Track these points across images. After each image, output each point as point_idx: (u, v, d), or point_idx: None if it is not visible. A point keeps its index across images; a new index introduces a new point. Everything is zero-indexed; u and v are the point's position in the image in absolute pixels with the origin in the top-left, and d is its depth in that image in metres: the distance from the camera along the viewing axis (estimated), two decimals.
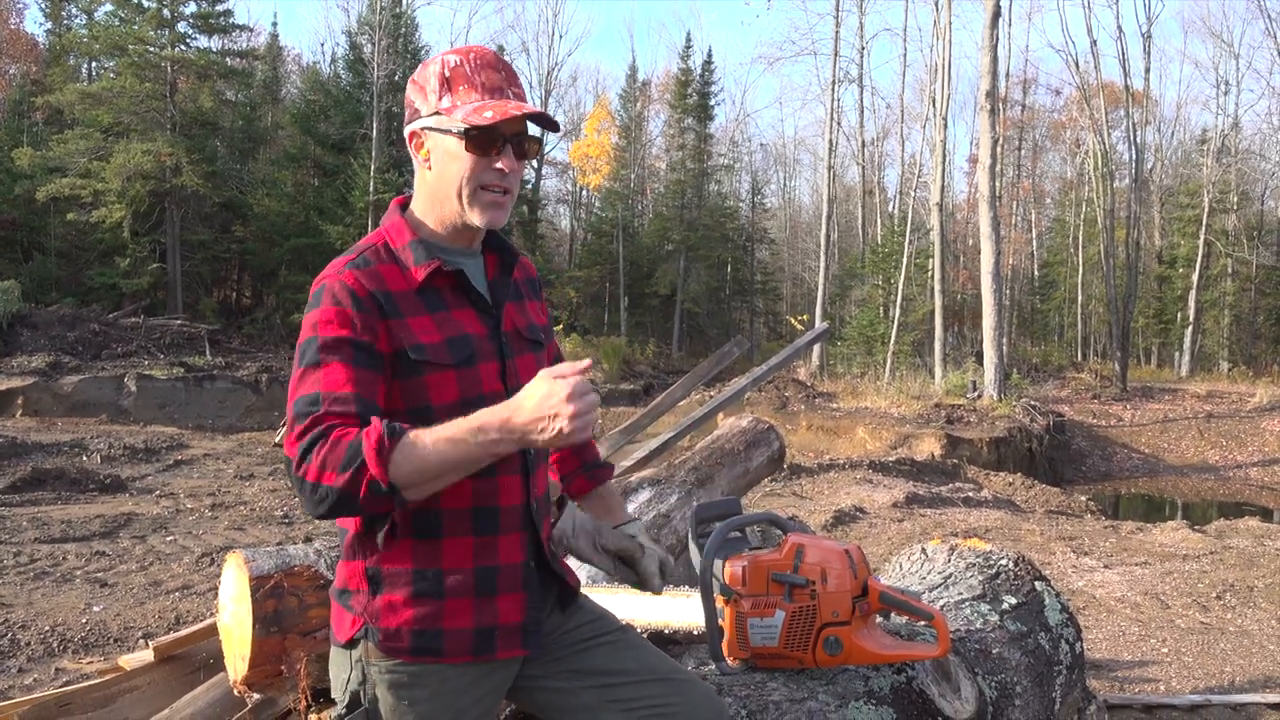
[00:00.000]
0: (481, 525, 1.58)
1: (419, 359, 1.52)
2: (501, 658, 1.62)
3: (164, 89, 24.17)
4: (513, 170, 1.59)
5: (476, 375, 1.58)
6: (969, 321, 31.95)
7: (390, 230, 1.63)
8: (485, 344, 1.61)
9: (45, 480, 8.66)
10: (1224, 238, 31.36)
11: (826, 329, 11.98)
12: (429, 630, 1.55)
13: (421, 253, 1.58)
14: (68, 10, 30.52)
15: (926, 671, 2.15)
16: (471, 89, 1.56)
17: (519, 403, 1.38)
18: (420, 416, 1.51)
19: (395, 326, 1.52)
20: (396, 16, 28.19)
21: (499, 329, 1.64)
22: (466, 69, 1.57)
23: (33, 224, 24.40)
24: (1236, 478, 18.30)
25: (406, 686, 1.56)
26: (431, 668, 1.56)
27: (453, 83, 1.57)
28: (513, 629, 1.61)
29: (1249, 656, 4.79)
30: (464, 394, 1.55)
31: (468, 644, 1.57)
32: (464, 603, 1.57)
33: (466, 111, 1.54)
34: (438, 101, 1.58)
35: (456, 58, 1.59)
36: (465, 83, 1.56)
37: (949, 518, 8.57)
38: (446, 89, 1.57)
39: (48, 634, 4.65)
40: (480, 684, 1.61)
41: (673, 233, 33.64)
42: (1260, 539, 7.79)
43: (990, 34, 19.68)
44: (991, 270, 19.46)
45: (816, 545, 1.99)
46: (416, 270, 1.57)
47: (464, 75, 1.57)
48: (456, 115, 1.55)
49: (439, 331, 1.56)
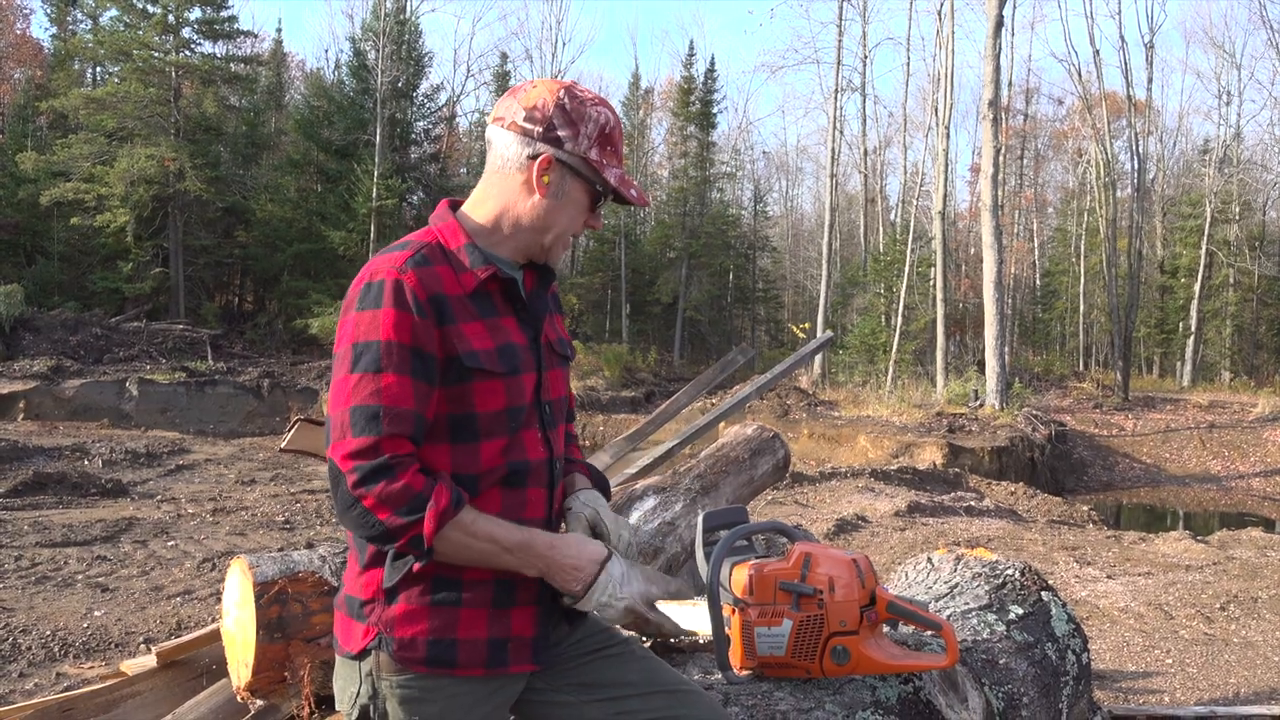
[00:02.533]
0: None
1: (473, 365, 1.51)
2: (514, 672, 1.61)
3: (168, 94, 24.26)
4: None
5: (520, 385, 1.58)
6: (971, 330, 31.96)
7: (444, 230, 1.61)
8: (527, 355, 1.61)
9: (47, 484, 8.66)
10: (1226, 248, 31.36)
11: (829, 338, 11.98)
12: (444, 640, 1.54)
13: (478, 257, 1.58)
14: (73, 15, 30.65)
15: (934, 682, 2.14)
16: (614, 156, 1.62)
17: (566, 543, 1.56)
18: (464, 423, 1.52)
19: (450, 332, 1.50)
20: (400, 23, 28.26)
21: (538, 340, 1.64)
22: (617, 134, 1.63)
23: (36, 228, 24.46)
24: (1239, 488, 18.26)
25: (417, 701, 1.54)
26: (443, 681, 1.55)
27: (610, 141, 1.61)
28: (524, 642, 1.61)
29: (1253, 668, 4.78)
30: (510, 403, 1.55)
31: (482, 656, 1.57)
32: (480, 614, 1.56)
33: (616, 177, 1.61)
34: (589, 148, 1.59)
35: (613, 119, 1.62)
36: (613, 146, 1.62)
37: (951, 527, 8.55)
38: (604, 143, 1.60)
39: (49, 638, 4.64)
40: (489, 700, 1.60)
41: (675, 240, 33.65)
42: (1263, 549, 7.77)
43: (993, 43, 19.72)
44: (993, 279, 19.46)
45: (824, 554, 1.98)
46: (474, 274, 1.56)
47: (615, 140, 1.63)
48: (609, 175, 1.60)
49: (491, 339, 1.55)
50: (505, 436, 1.55)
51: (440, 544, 1.45)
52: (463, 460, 1.52)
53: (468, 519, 1.46)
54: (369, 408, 1.43)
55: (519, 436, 1.58)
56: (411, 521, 1.42)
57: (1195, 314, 30.98)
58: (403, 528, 1.42)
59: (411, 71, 28.76)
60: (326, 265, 26.06)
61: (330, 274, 25.67)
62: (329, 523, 7.84)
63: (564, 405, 1.72)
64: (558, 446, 1.67)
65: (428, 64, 29.97)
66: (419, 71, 29.28)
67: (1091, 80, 28.44)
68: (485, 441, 1.53)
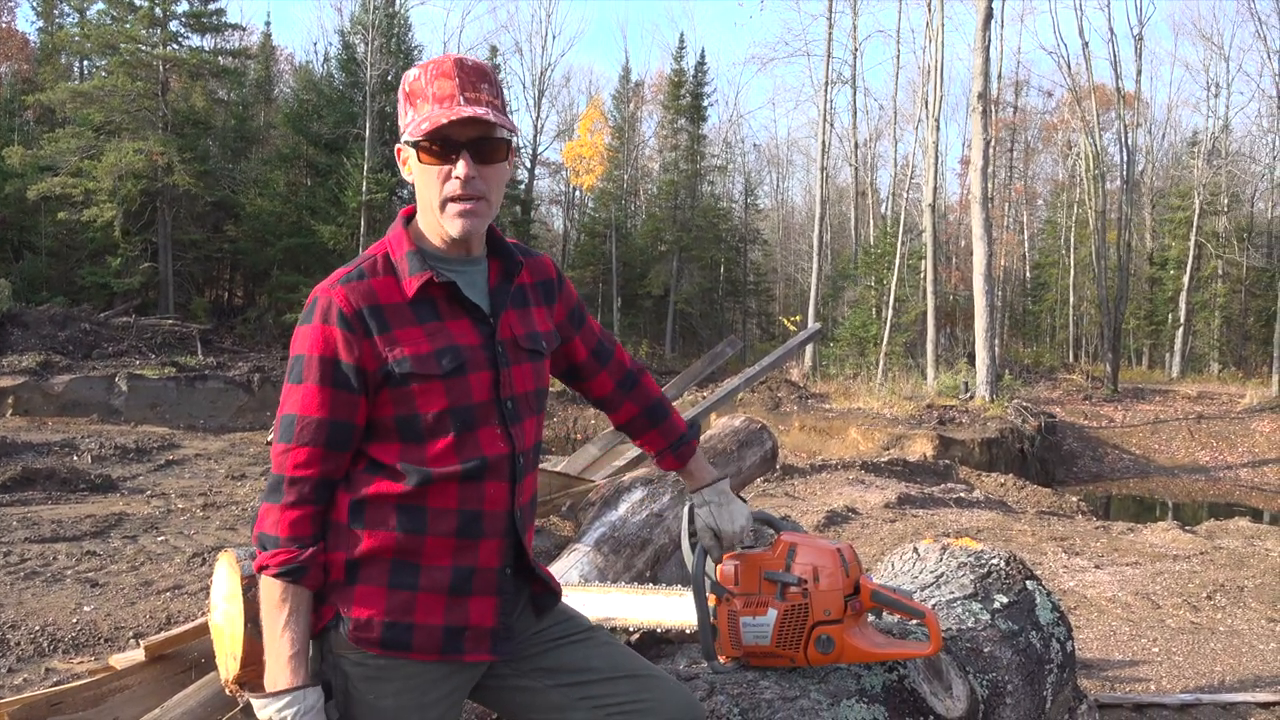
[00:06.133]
0: (465, 528, 1.60)
1: (403, 371, 1.55)
2: (469, 661, 1.63)
3: (156, 88, 24.14)
4: (474, 176, 1.56)
5: (466, 385, 1.59)
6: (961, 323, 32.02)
7: (392, 241, 1.65)
8: (478, 354, 1.62)
9: (36, 480, 8.61)
10: (1214, 239, 31.49)
11: (818, 329, 12.00)
12: (400, 624, 1.57)
13: (417, 263, 1.60)
14: (59, 9, 30.45)
15: (918, 670, 2.16)
16: (425, 101, 1.56)
17: (272, 680, 1.56)
18: (409, 424, 1.57)
19: (381, 341, 1.55)
20: (390, 16, 28.17)
21: (494, 338, 1.65)
22: (422, 81, 1.57)
23: (24, 223, 24.33)
24: (1227, 478, 18.39)
25: (373, 679, 1.58)
26: (398, 661, 1.58)
27: (412, 98, 1.58)
28: (482, 632, 1.63)
29: (1239, 656, 4.81)
30: (452, 403, 1.58)
31: (437, 642, 1.59)
32: (437, 599, 1.59)
33: (425, 115, 1.55)
34: (404, 118, 1.61)
35: (416, 71, 1.60)
36: (420, 96, 1.57)
37: (941, 518, 8.58)
38: (409, 104, 1.59)
39: (38, 634, 4.62)
40: (446, 681, 1.63)
41: (666, 233, 33.66)
42: (1250, 539, 7.82)
43: (982, 36, 19.75)
44: (983, 271, 19.52)
45: (809, 544, 2.00)
46: (409, 281, 1.59)
47: (419, 89, 1.57)
48: (421, 125, 1.55)
49: (429, 343, 1.58)
50: (452, 435, 1.58)
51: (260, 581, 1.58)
52: (412, 456, 1.58)
53: (275, 591, 1.55)
54: (288, 416, 1.57)
55: (473, 434, 1.60)
56: (261, 547, 1.57)
57: (1184, 305, 31.11)
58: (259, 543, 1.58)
59: (401, 65, 28.64)
60: (316, 259, 25.99)
61: (320, 268, 25.57)
62: None
63: (533, 399, 1.71)
64: (522, 441, 1.67)
65: (417, 57, 29.84)
66: (408, 65, 28.93)
67: (1081, 72, 28.54)
68: (431, 440, 1.58)
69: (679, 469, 2.06)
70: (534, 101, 37.63)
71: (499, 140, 1.59)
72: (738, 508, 2.00)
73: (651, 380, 2.06)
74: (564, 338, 1.87)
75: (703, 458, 2.07)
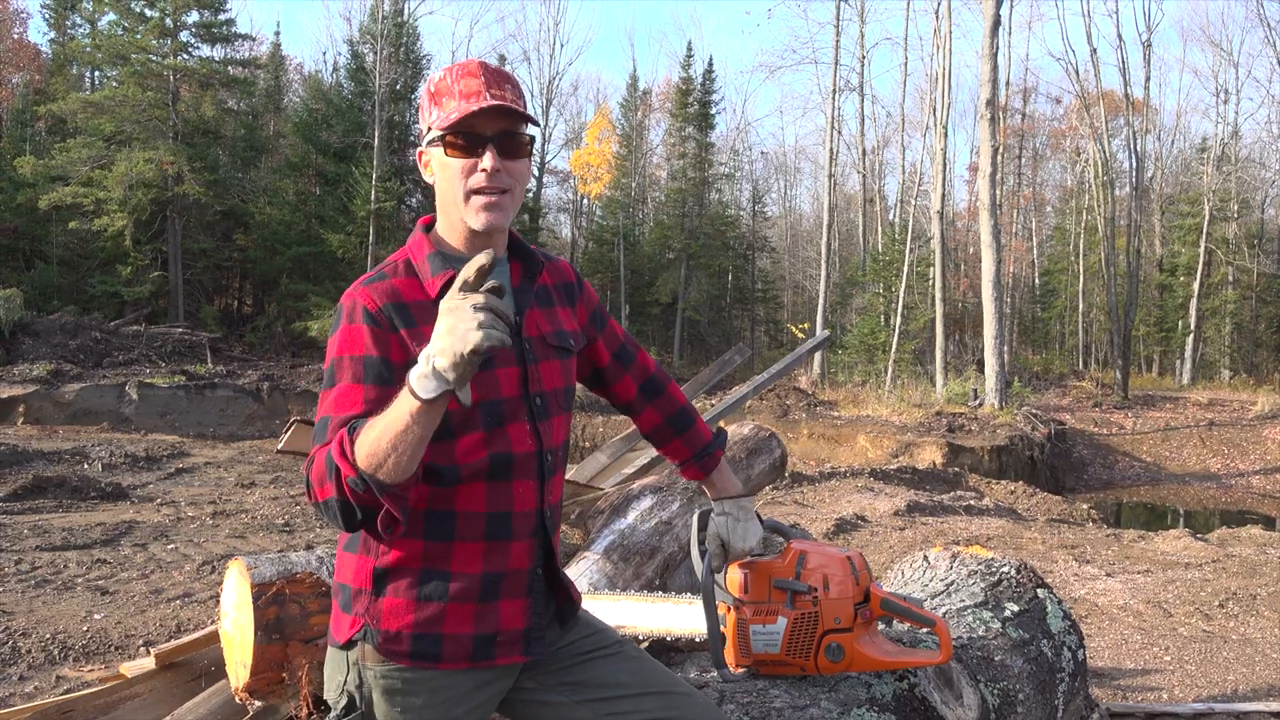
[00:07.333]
0: (495, 530, 1.60)
1: None
2: (501, 664, 1.63)
3: (166, 98, 24.26)
4: (500, 169, 1.58)
5: (494, 379, 1.60)
6: (970, 330, 31.96)
7: (412, 247, 1.67)
8: (503, 350, 1.61)
9: (46, 488, 8.65)
10: (1224, 246, 31.36)
11: (827, 337, 11.98)
12: (429, 635, 1.56)
13: (439, 264, 1.61)
14: (71, 19, 30.65)
15: (929, 678, 2.15)
16: (450, 98, 1.59)
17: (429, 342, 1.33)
18: None
19: (409, 336, 1.54)
20: (398, 25, 28.27)
21: (520, 335, 1.66)
22: (448, 80, 1.60)
23: (35, 232, 24.47)
24: (1238, 486, 18.27)
25: (401, 692, 1.57)
26: (427, 673, 1.57)
27: (437, 96, 1.61)
28: (514, 635, 1.62)
29: (1252, 665, 4.78)
30: (481, 397, 1.57)
31: (466, 650, 1.58)
32: (467, 608, 1.58)
33: (453, 109, 1.57)
34: (428, 118, 1.62)
35: (441, 73, 1.63)
36: (446, 94, 1.59)
37: (950, 526, 8.55)
38: (434, 103, 1.61)
39: (49, 641, 4.64)
40: (476, 694, 1.62)
41: (674, 241, 33.67)
42: (1263, 547, 7.77)
43: (990, 43, 19.73)
44: (992, 278, 19.46)
45: (819, 552, 1.99)
46: (432, 282, 1.60)
47: (445, 88, 1.60)
48: (449, 117, 1.58)
49: None
50: (481, 430, 1.57)
51: (359, 460, 1.35)
52: (441, 453, 1.54)
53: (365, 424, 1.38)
54: (326, 419, 1.51)
55: (502, 430, 1.60)
56: (335, 477, 1.37)
57: (1194, 312, 30.97)
58: (337, 487, 1.37)
59: (409, 74, 28.79)
60: (325, 268, 26.07)
61: (329, 277, 25.68)
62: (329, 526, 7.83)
63: (562, 397, 1.72)
64: (550, 438, 1.67)
65: (426, 66, 29.98)
66: (417, 74, 29.29)
67: (1089, 79, 28.50)
68: (460, 436, 1.56)
69: (703, 479, 2.05)
70: (542, 110, 37.74)
71: (523, 137, 1.62)
72: (753, 527, 2.00)
73: (677, 388, 2.06)
74: (588, 339, 1.88)
75: (728, 469, 2.06)
